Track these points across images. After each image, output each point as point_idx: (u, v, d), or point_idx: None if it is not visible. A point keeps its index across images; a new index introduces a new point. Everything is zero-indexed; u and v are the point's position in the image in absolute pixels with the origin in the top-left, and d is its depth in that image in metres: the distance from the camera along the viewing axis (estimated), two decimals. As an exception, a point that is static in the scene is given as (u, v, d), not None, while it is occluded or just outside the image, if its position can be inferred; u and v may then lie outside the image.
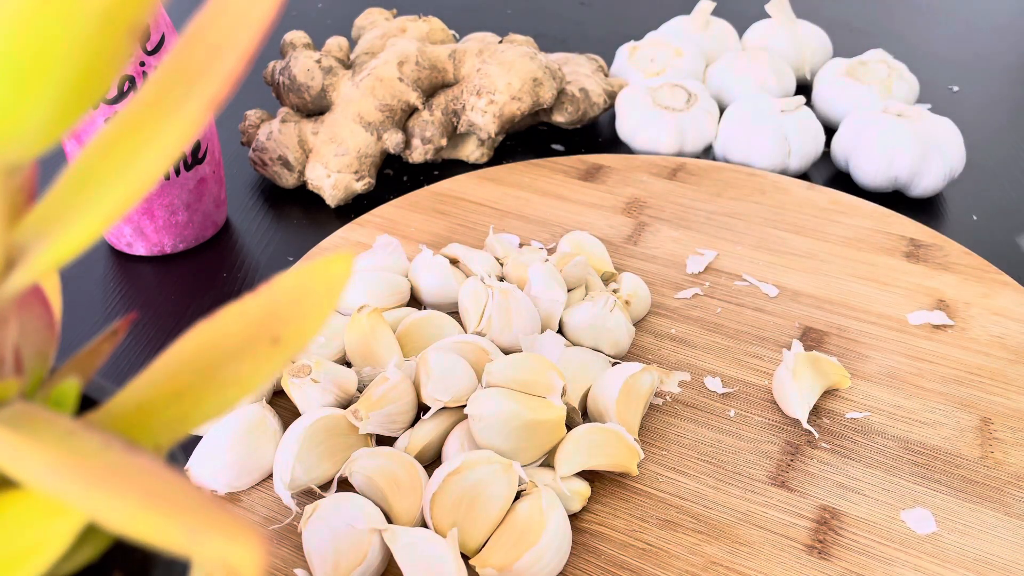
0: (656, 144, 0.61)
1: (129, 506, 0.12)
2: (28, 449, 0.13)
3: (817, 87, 0.69)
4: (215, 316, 0.16)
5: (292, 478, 0.36)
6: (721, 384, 0.43)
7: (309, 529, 0.34)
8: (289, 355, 0.16)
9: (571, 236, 0.51)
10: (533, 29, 0.78)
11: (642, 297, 0.47)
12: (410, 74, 0.59)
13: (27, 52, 0.12)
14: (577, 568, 0.35)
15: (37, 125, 0.13)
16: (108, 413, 0.16)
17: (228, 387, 0.16)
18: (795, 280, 0.50)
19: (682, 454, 0.40)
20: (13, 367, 0.16)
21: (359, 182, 0.57)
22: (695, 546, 0.36)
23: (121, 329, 0.20)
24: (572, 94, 0.63)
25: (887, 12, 0.89)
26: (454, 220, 0.55)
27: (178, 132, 0.14)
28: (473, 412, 0.37)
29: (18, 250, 0.14)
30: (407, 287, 0.47)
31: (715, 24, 0.75)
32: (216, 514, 0.12)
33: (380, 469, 0.36)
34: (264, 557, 0.12)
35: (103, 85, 0.13)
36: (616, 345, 0.44)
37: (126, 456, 0.14)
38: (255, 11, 0.14)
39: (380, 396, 0.38)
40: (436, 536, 0.34)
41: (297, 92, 0.59)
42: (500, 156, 0.64)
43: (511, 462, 0.36)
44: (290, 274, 0.16)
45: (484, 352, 0.41)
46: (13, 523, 0.14)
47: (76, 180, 0.15)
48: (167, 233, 0.52)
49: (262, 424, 0.38)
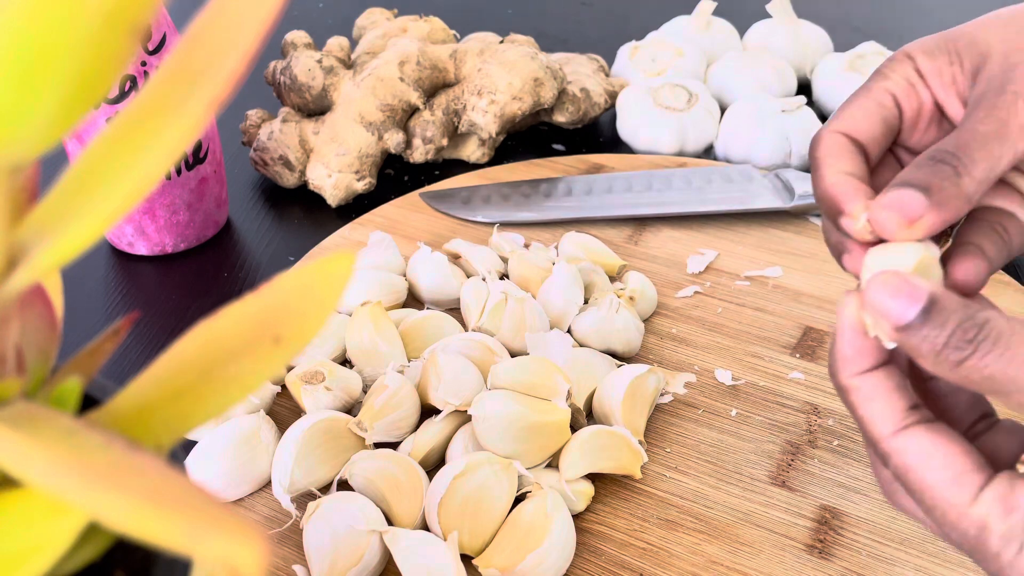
0: (657, 144, 0.61)
1: (131, 505, 0.12)
2: (30, 448, 0.13)
3: (817, 83, 0.69)
4: (216, 316, 0.16)
5: (291, 481, 0.36)
6: (731, 377, 0.43)
7: (310, 527, 0.34)
8: (290, 355, 0.16)
9: (572, 236, 0.51)
10: (534, 29, 0.78)
11: (648, 295, 0.47)
12: (411, 74, 0.59)
13: (29, 52, 0.12)
14: (578, 568, 0.35)
15: (39, 125, 0.13)
16: (110, 412, 0.16)
17: (229, 386, 0.16)
18: (795, 280, 0.50)
19: (683, 454, 0.40)
20: (15, 366, 0.16)
21: (360, 182, 0.57)
22: (696, 546, 0.36)
23: (123, 328, 0.20)
24: (573, 94, 0.63)
25: (887, 11, 0.89)
26: (455, 220, 0.55)
27: (180, 132, 0.14)
28: (478, 413, 0.36)
29: (20, 249, 0.14)
30: (404, 286, 0.47)
31: (716, 24, 0.75)
32: (218, 513, 0.12)
33: (380, 471, 0.36)
34: (266, 556, 0.12)
35: (105, 85, 0.13)
36: (628, 343, 0.44)
37: (128, 455, 0.14)
38: (256, 11, 0.14)
39: (382, 405, 0.38)
40: (437, 539, 0.34)
41: (298, 92, 0.59)
42: (501, 156, 0.64)
43: (510, 461, 0.36)
44: (291, 274, 0.16)
45: (490, 351, 0.41)
46: (15, 522, 0.14)
47: (78, 180, 0.15)
48: (168, 233, 0.53)
49: (255, 436, 0.38)
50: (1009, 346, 0.22)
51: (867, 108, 0.29)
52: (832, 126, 0.29)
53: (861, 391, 0.26)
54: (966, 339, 0.23)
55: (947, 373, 0.23)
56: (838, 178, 0.28)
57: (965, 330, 0.23)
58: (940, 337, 0.23)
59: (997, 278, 0.49)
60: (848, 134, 0.29)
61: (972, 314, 0.23)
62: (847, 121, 0.29)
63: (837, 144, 0.28)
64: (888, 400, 0.25)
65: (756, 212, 0.54)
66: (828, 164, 0.28)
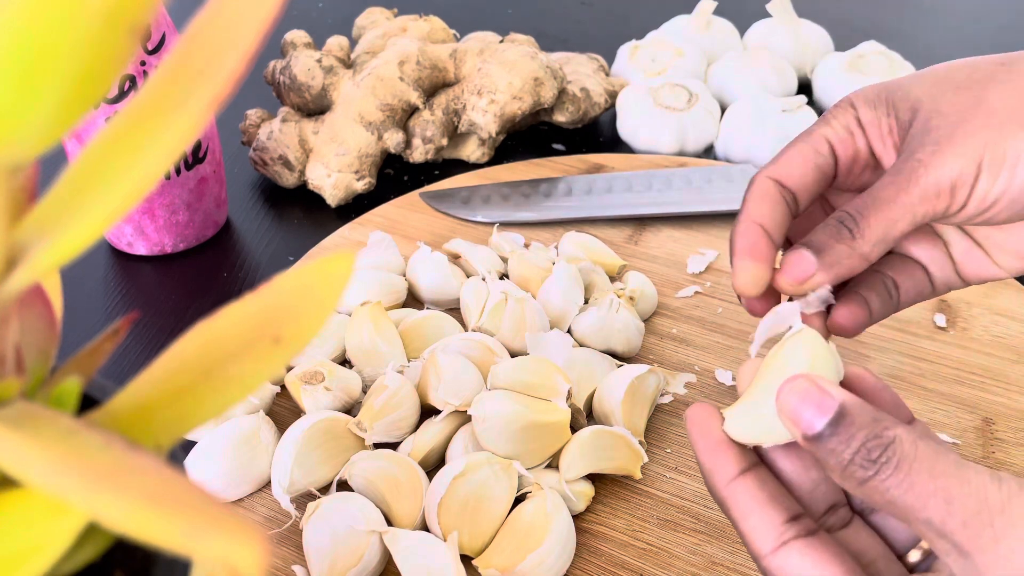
0: (657, 144, 0.61)
1: (130, 505, 0.12)
2: (29, 448, 0.13)
3: (817, 82, 0.69)
4: (216, 316, 0.16)
5: (291, 482, 0.36)
6: (731, 377, 0.43)
7: (310, 527, 0.34)
8: (290, 355, 0.16)
9: (572, 236, 0.51)
10: (534, 28, 0.78)
11: (648, 295, 0.47)
12: (411, 73, 0.59)
13: (29, 52, 0.12)
14: (578, 568, 0.35)
15: (39, 125, 0.13)
16: (109, 412, 0.16)
17: (229, 386, 0.16)
18: (796, 280, 0.50)
19: (683, 454, 0.40)
20: (15, 366, 0.16)
21: (360, 181, 0.57)
22: (696, 546, 0.36)
23: (122, 328, 0.20)
24: (573, 94, 0.63)
25: (887, 11, 0.89)
26: (455, 220, 0.55)
27: (179, 132, 0.14)
28: (478, 414, 0.36)
29: (19, 249, 0.14)
30: (403, 286, 0.47)
31: (716, 24, 0.75)
32: (218, 513, 0.12)
33: (380, 472, 0.36)
34: (265, 556, 0.12)
35: (104, 84, 0.13)
36: (628, 343, 0.44)
37: (127, 455, 0.14)
38: (256, 11, 0.14)
39: (382, 406, 0.38)
40: (437, 540, 0.34)
41: (298, 91, 0.59)
42: (501, 156, 0.64)
43: (510, 462, 0.36)
44: (291, 274, 0.16)
45: (490, 351, 0.41)
46: (14, 522, 0.14)
47: (77, 180, 0.15)
48: (168, 232, 0.52)
49: (255, 436, 0.38)
50: (909, 473, 0.22)
51: (804, 154, 0.30)
52: (767, 171, 0.30)
53: (737, 506, 0.26)
54: (870, 459, 0.23)
55: (853, 489, 0.23)
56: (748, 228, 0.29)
57: (870, 449, 0.23)
58: (846, 453, 0.23)
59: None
60: (780, 180, 0.30)
61: (880, 431, 0.23)
62: (782, 167, 0.30)
63: (766, 191, 0.30)
64: (763, 515, 0.25)
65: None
66: (749, 210, 0.30)
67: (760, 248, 0.29)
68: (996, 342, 0.45)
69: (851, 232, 0.28)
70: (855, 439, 0.23)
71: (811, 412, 0.24)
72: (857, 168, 0.31)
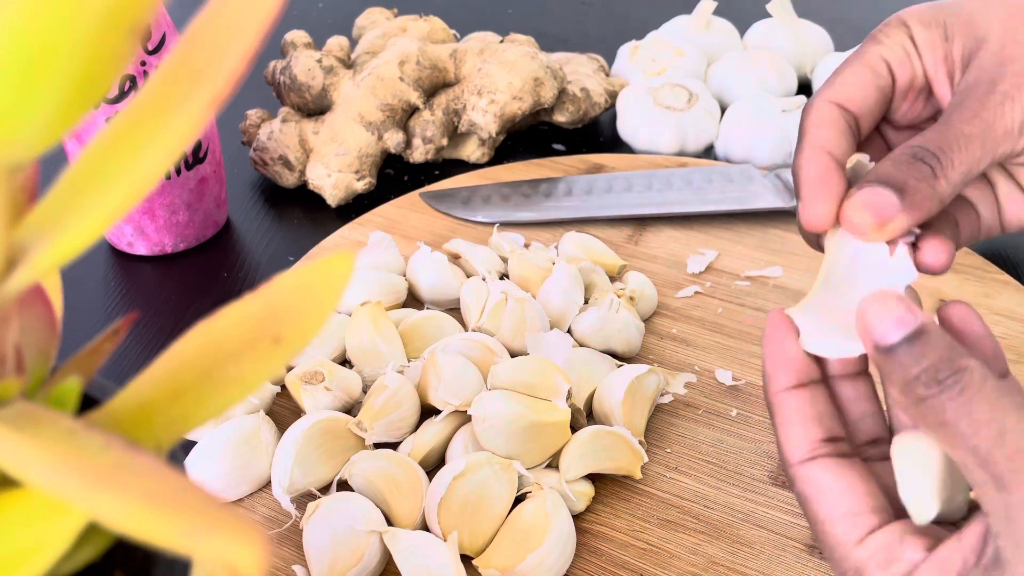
0: (657, 144, 0.61)
1: (130, 505, 0.12)
2: (29, 448, 0.13)
3: (817, 82, 0.69)
4: (216, 316, 0.16)
5: (291, 481, 0.36)
6: (731, 377, 0.43)
7: (310, 527, 0.34)
8: (290, 355, 0.16)
9: (572, 236, 0.51)
10: (534, 28, 0.77)
11: (648, 295, 0.47)
12: (411, 74, 0.59)
13: (29, 52, 0.12)
14: (578, 568, 0.35)
15: (39, 125, 0.13)
16: (109, 412, 0.16)
17: (229, 387, 0.16)
18: (795, 280, 0.50)
19: (683, 454, 0.40)
20: (15, 366, 0.16)
21: (360, 182, 0.57)
22: (696, 546, 0.36)
23: (122, 328, 0.20)
24: (573, 94, 0.63)
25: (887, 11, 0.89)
26: (455, 220, 0.55)
27: (179, 132, 0.14)
28: (478, 414, 0.36)
29: (19, 249, 0.14)
30: (404, 286, 0.47)
31: (716, 24, 0.75)
32: (218, 513, 0.12)
33: (380, 471, 0.36)
34: (265, 556, 0.12)
35: (104, 84, 0.13)
36: (628, 343, 0.44)
37: (127, 455, 0.14)
38: (256, 11, 0.14)
39: (382, 405, 0.38)
40: (437, 540, 0.34)
41: (298, 92, 0.59)
42: (501, 156, 0.64)
43: (511, 462, 0.36)
44: (291, 274, 0.16)
45: (490, 351, 0.41)
46: (14, 522, 0.14)
47: (77, 180, 0.15)
48: (168, 233, 0.52)
49: (255, 436, 0.38)
50: (971, 400, 0.22)
51: (863, 76, 0.28)
52: (825, 94, 0.28)
53: (782, 413, 0.26)
54: (936, 378, 0.22)
55: (909, 406, 0.23)
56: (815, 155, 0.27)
57: (938, 369, 0.22)
58: (914, 368, 0.23)
59: (997, 278, 0.49)
60: (841, 104, 0.28)
61: (954, 357, 0.23)
62: (841, 89, 0.28)
63: (828, 116, 0.27)
64: (803, 427, 0.25)
65: (756, 212, 0.54)
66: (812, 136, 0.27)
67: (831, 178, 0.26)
68: (996, 342, 0.45)
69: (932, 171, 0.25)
70: (926, 358, 0.22)
71: (890, 324, 0.23)
72: (911, 96, 0.29)
